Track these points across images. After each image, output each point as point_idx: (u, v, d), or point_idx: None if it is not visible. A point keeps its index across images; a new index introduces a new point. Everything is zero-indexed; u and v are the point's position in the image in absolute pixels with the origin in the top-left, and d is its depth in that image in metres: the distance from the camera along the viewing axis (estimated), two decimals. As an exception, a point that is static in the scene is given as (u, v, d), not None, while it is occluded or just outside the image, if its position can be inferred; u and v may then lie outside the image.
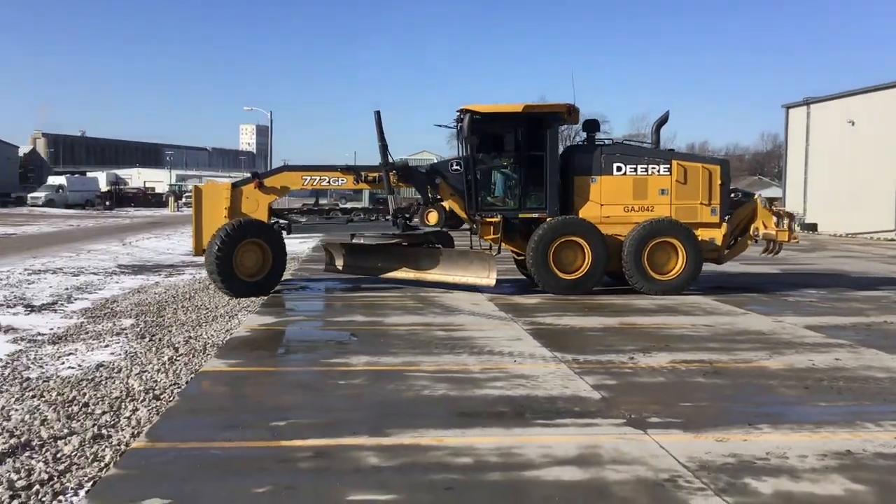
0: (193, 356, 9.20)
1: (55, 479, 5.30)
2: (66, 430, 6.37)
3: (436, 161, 19.91)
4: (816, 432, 6.39)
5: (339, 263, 16.37)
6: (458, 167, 15.03)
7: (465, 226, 15.71)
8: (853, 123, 40.13)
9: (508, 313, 12.47)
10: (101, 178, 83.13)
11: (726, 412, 7.01)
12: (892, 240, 35.74)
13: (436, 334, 10.66)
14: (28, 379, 8.28)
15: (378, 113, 14.74)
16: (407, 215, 15.59)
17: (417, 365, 8.77)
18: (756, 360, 9.16)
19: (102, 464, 5.58)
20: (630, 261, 14.49)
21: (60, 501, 4.96)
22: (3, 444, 6.03)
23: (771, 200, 16.48)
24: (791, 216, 16.35)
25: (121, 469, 5.46)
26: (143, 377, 8.16)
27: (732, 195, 16.07)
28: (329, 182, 15.27)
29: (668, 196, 15.05)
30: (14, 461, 5.67)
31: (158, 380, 8.02)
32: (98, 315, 12.47)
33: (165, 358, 9.07)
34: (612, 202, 14.97)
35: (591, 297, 14.28)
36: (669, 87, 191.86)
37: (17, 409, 7.05)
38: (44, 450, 5.92)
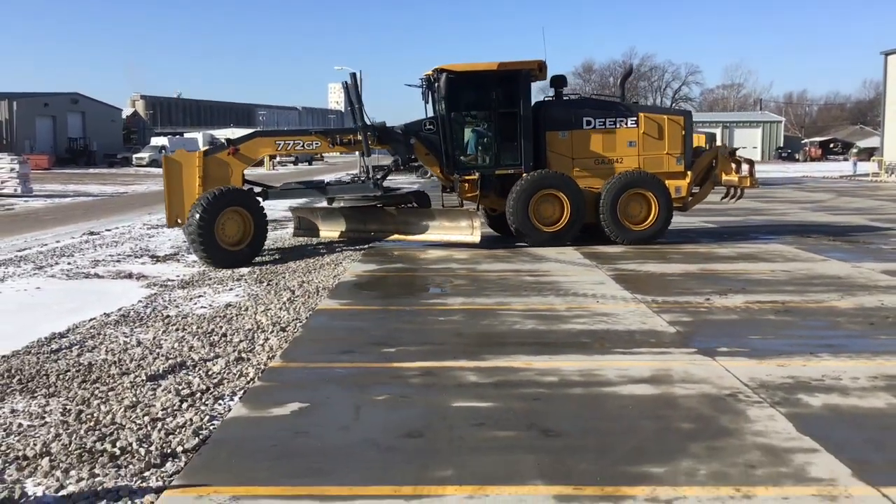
0: (308, 297, 10.32)
1: (211, 388, 6.44)
2: (212, 355, 7.53)
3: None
4: (872, 360, 7.04)
5: (319, 228, 16.41)
6: (431, 126, 15.25)
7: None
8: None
9: (593, 261, 13.23)
10: (199, 139, 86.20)
11: (790, 344, 7.69)
12: None
13: (524, 279, 11.53)
14: (168, 316, 9.52)
15: (353, 75, 15.06)
16: (378, 176, 15.78)
17: (508, 305, 9.68)
18: (827, 300, 9.75)
19: (247, 379, 6.69)
20: (606, 212, 14.93)
21: (220, 403, 6.07)
22: (164, 364, 7.21)
23: (734, 150, 16.63)
24: (751, 163, 16.76)
25: (263, 382, 6.57)
26: (268, 314, 9.31)
27: (831, 145, 16.36)
28: (303, 146, 15.28)
29: (636, 148, 15.48)
30: (175, 377, 6.84)
31: (282, 316, 9.15)
32: (280, 256, 14.16)
33: (285, 298, 10.22)
34: (582, 156, 15.39)
35: (674, 246, 14.90)
36: (764, 35, 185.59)
37: (166, 339, 8.27)
38: (197, 368, 7.08)
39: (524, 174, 14.96)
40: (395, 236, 15.44)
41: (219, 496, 4.40)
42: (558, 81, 16.14)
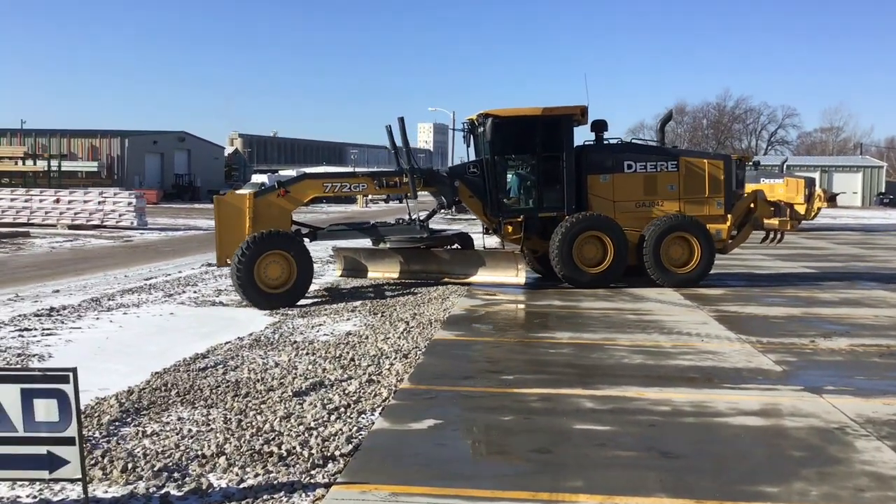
0: (423, 328, 10.98)
1: (352, 405, 7.12)
2: (345, 376, 8.23)
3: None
4: (979, 402, 7.26)
5: (365, 269, 16.50)
6: (475, 170, 15.61)
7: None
8: None
9: (694, 302, 13.55)
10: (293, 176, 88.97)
11: (896, 384, 7.96)
12: None
13: (627, 317, 11.97)
14: (296, 342, 10.31)
15: (401, 119, 15.15)
16: (423, 219, 15.76)
17: (615, 340, 10.16)
18: (933, 346, 9.90)
19: (382, 398, 7.34)
20: (650, 254, 15.14)
21: (364, 417, 6.75)
22: (304, 382, 7.94)
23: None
24: (791, 206, 16.73)
25: (397, 401, 7.23)
26: (388, 342, 10.00)
27: None
28: (350, 188, 15.50)
29: (676, 191, 15.72)
30: (317, 394, 7.55)
31: (402, 344, 9.82)
32: (330, 296, 14.62)
33: (401, 329, 10.91)
34: (623, 199, 15.62)
35: (776, 289, 15.10)
36: (865, 78, 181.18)
37: (300, 362, 9.02)
38: (334, 388, 7.78)
39: (567, 216, 15.26)
40: (443, 277, 15.66)
41: (379, 493, 5.03)
42: (599, 126, 16.41)
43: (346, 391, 7.62)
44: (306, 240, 15.09)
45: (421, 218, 15.84)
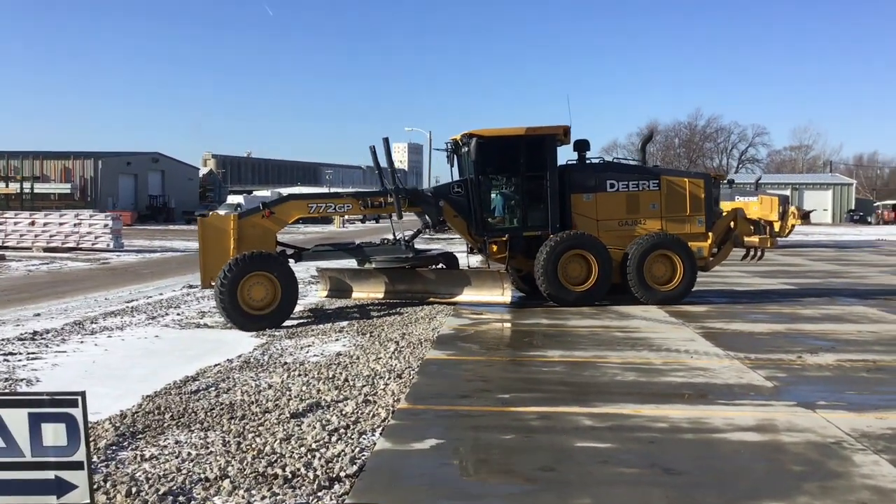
0: (414, 347, 10.98)
1: (351, 426, 7.10)
2: (341, 397, 8.21)
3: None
4: (969, 415, 7.39)
5: (349, 289, 16.38)
6: (459, 189, 15.67)
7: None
8: None
9: (679, 319, 13.66)
10: (270, 197, 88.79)
11: (886, 399, 8.06)
12: None
13: (615, 335, 12.04)
14: (286, 363, 10.27)
15: (386, 140, 15.28)
16: (408, 239, 15.83)
17: (605, 358, 10.22)
18: (918, 360, 10.06)
19: (381, 418, 7.33)
20: (633, 272, 15.31)
21: (365, 438, 6.73)
22: (300, 404, 7.91)
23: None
24: (770, 224, 17.02)
25: (397, 421, 7.22)
26: (381, 362, 9.99)
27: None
28: (335, 209, 15.48)
29: (658, 210, 15.94)
30: (314, 415, 7.53)
31: (394, 364, 9.81)
32: (315, 317, 14.58)
33: (392, 349, 10.89)
34: (606, 217, 15.82)
35: (758, 306, 15.28)
36: (834, 97, 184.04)
37: (293, 383, 8.99)
38: (331, 409, 7.76)
39: (551, 235, 15.36)
40: (428, 297, 15.68)
41: (390, 513, 5.03)
42: (581, 145, 16.52)
43: (344, 412, 7.60)
44: (291, 261, 15.05)
45: (406, 238, 15.90)
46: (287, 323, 13.81)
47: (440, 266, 16.43)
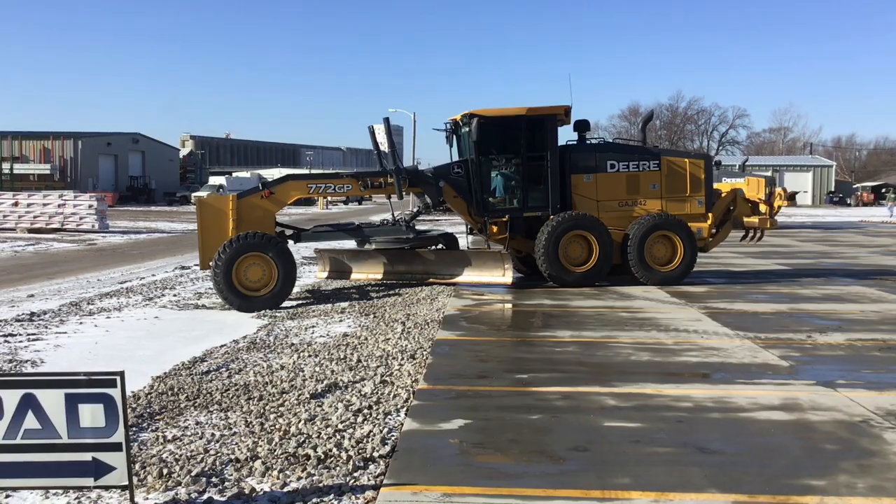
0: (421, 329, 10.89)
1: (373, 406, 7.01)
2: (357, 377, 8.11)
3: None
4: None
5: (349, 270, 16.32)
6: (459, 170, 15.59)
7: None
8: None
9: (681, 299, 13.66)
10: (252, 179, 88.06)
11: (904, 377, 8.07)
12: None
13: (621, 315, 12.01)
14: (293, 344, 10.15)
15: (387, 119, 15.21)
16: (407, 218, 15.93)
17: (616, 338, 10.18)
18: (927, 339, 10.09)
19: (402, 399, 7.24)
20: (634, 253, 15.31)
21: (391, 418, 6.65)
22: (318, 385, 7.81)
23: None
24: (770, 205, 16.94)
25: (419, 401, 7.13)
26: (390, 343, 9.89)
27: (883, 190, 16.85)
28: (335, 189, 15.33)
29: (658, 191, 15.95)
30: (333, 395, 7.43)
31: (405, 345, 9.72)
32: (314, 298, 14.45)
33: (399, 330, 10.80)
34: (606, 198, 15.79)
35: (757, 286, 15.30)
36: (813, 79, 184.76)
37: (305, 364, 8.88)
38: (349, 389, 7.66)
39: (552, 216, 15.31)
40: (430, 278, 15.60)
41: (432, 493, 4.94)
42: (582, 126, 16.49)
43: (363, 392, 7.50)
44: (290, 242, 14.92)
45: (406, 219, 15.76)
46: (286, 304, 13.69)
47: (440, 247, 16.32)
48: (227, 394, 7.60)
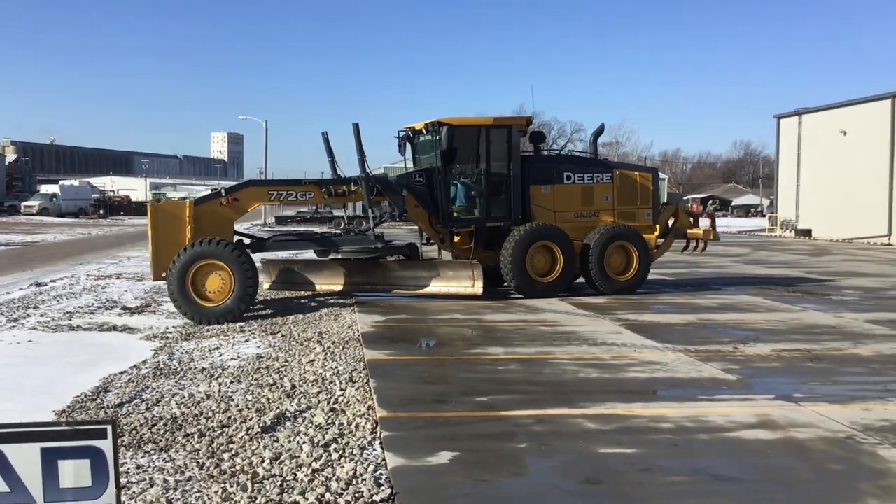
0: (343, 347, 10.18)
1: (338, 439, 6.29)
2: (303, 406, 7.34)
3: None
4: (942, 403, 7.53)
5: (300, 282, 15.61)
6: (421, 178, 15.38)
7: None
8: (845, 133, 41.79)
9: (589, 311, 13.53)
10: (88, 187, 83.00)
11: (853, 389, 8.10)
12: (889, 244, 37.33)
13: (541, 329, 11.70)
14: (204, 368, 9.21)
15: (357, 125, 14.57)
16: (368, 228, 15.15)
17: (551, 354, 9.83)
18: (845, 349, 10.31)
19: (367, 430, 6.54)
20: (595, 263, 15.48)
21: (368, 452, 5.96)
22: (263, 415, 6.99)
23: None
24: (713, 217, 18.06)
25: (391, 432, 6.46)
26: (316, 365, 9.14)
27: (710, 201, 17.59)
28: (296, 197, 14.79)
29: (611, 202, 16.29)
30: (286, 428, 6.65)
31: (335, 367, 8.98)
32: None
33: (319, 350, 10.03)
34: (563, 209, 15.94)
35: (652, 297, 15.45)
36: (645, 94, 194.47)
37: (233, 391, 8.00)
38: (300, 420, 6.89)
39: (517, 226, 15.16)
40: (394, 289, 15.09)
41: (469, 546, 4.34)
42: (537, 137, 16.56)
43: (317, 423, 6.76)
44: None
45: (372, 227, 14.90)
46: (177, 322, 12.61)
47: (401, 258, 15.82)
48: (156, 430, 6.67)
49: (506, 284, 15.48)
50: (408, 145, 16.27)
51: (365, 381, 8.33)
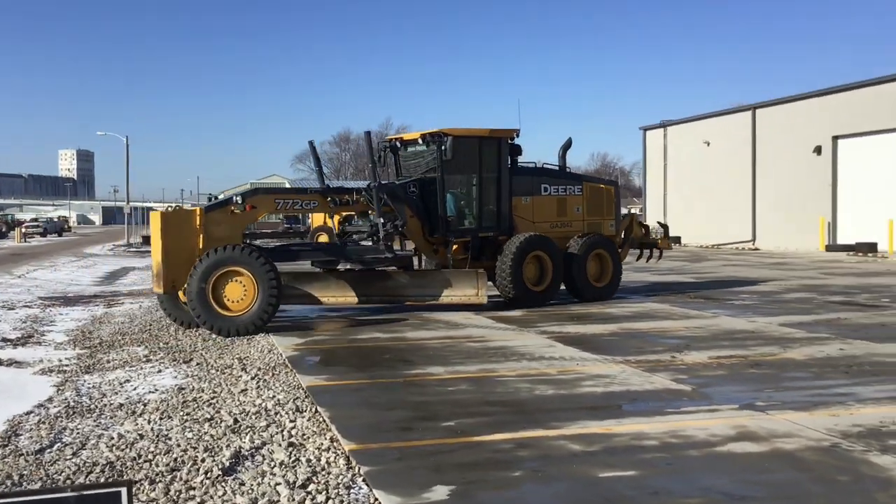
0: (272, 374, 9.50)
1: (313, 477, 5.69)
2: (256, 442, 6.67)
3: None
4: (898, 404, 7.62)
5: (307, 293, 14.69)
6: (414, 189, 15.44)
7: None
8: (709, 144, 43.72)
9: (510, 324, 13.29)
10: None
11: (808, 395, 8.07)
12: (756, 248, 39.18)
13: (472, 346, 11.31)
14: (121, 404, 8.36)
15: (368, 133, 14.96)
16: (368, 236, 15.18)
17: (496, 371, 9.46)
18: (778, 353, 10.41)
19: (340, 467, 5.96)
20: (579, 271, 16.13)
21: (354, 491, 5.40)
22: (217, 454, 6.29)
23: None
24: (665, 227, 19.25)
25: (369, 466, 5.90)
26: (250, 394, 8.45)
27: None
28: (302, 205, 14.88)
29: (581, 213, 17.02)
30: (247, 468, 5.99)
31: (275, 396, 8.31)
32: (95, 345, 12.34)
33: (246, 378, 9.30)
34: (541, 220, 16.49)
35: (560, 308, 15.37)
36: (497, 112, 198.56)
37: (168, 429, 7.24)
38: (259, 458, 6.24)
39: (508, 237, 15.60)
40: (403, 301, 15.00)
41: None
42: (515, 150, 16.58)
43: (280, 461, 6.14)
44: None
45: (382, 236, 14.49)
46: (64, 354, 11.56)
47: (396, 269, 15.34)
48: (94, 479, 5.87)
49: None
50: (387, 156, 16.47)
51: (313, 410, 7.72)
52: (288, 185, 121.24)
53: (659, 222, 19.75)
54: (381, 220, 14.27)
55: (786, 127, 38.89)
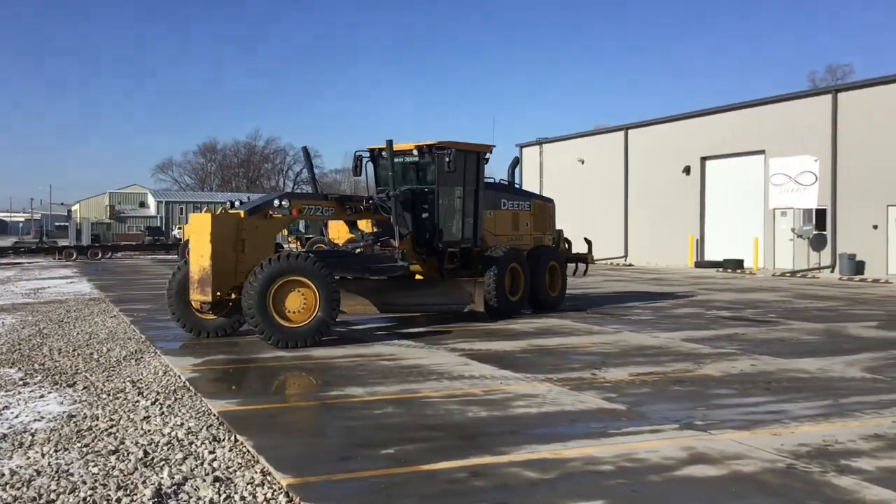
0: (175, 399, 8.69)
1: (258, 522, 5.07)
2: (176, 478, 5.95)
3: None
4: (834, 422, 7.61)
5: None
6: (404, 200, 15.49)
7: None
8: (583, 162, 44.68)
9: (418, 341, 12.83)
10: None
11: (743, 413, 7.95)
12: (630, 264, 40.21)
13: (385, 364, 10.79)
14: (5, 435, 7.42)
15: (390, 142, 15.06)
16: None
17: (419, 392, 8.99)
18: (694, 370, 10.38)
19: (286, 500, 5.36)
20: (541, 281, 17.03)
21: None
22: (134, 494, 5.56)
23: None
24: (589, 242, 20.24)
25: (320, 503, 5.32)
26: (156, 422, 7.67)
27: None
28: (322, 212, 14.36)
29: (529, 228, 18.13)
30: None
31: (184, 424, 7.56)
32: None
33: (145, 404, 8.47)
34: (500, 233, 17.29)
35: (461, 325, 15.02)
36: (382, 126, 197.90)
37: (68, 463, 6.43)
38: (183, 497, 5.56)
39: (497, 248, 16.29)
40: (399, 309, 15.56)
41: None
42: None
43: (210, 499, 5.47)
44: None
45: (396, 246, 14.76)
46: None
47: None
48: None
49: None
50: (366, 166, 16.34)
51: (233, 439, 7.03)
52: (150, 195, 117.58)
53: (585, 238, 20.50)
54: (398, 228, 14.38)
55: (657, 147, 40.17)
